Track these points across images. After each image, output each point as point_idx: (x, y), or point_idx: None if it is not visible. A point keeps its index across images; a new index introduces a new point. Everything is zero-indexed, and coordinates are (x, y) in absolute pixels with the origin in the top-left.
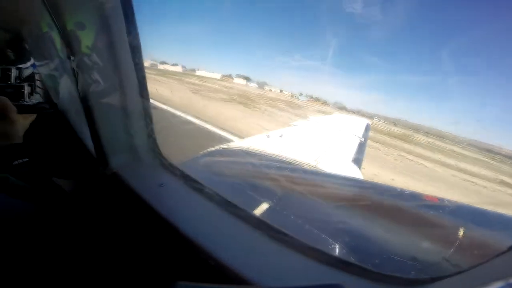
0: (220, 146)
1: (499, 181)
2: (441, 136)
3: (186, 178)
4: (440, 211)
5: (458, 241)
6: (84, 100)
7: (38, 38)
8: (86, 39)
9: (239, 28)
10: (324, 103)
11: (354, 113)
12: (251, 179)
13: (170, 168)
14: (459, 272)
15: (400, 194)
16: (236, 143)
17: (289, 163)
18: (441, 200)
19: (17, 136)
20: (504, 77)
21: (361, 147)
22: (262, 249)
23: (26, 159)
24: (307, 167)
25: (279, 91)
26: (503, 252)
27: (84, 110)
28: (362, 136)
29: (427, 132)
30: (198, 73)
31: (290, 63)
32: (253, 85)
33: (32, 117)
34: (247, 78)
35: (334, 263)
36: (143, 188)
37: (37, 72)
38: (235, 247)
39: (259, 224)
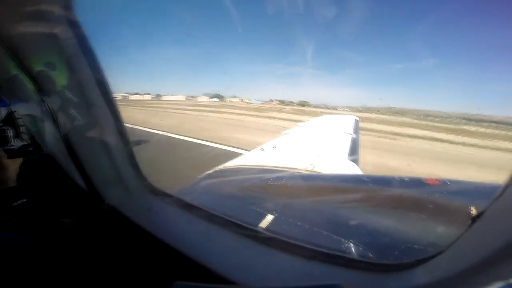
0: (216, 168)
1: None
2: (428, 115)
3: (172, 200)
4: (445, 192)
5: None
6: (66, 139)
7: (9, 80)
8: (59, 78)
9: (218, 49)
10: (282, 103)
11: (337, 109)
12: (252, 194)
13: (156, 192)
14: (440, 252)
15: (400, 181)
16: (232, 162)
17: (286, 171)
18: (442, 181)
19: (11, 179)
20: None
21: (354, 142)
22: (252, 254)
23: (25, 200)
24: (305, 172)
25: (239, 100)
26: (475, 218)
27: (68, 150)
28: (353, 132)
29: (414, 114)
30: (165, 98)
31: (275, 72)
32: (215, 99)
33: (20, 160)
34: (217, 95)
35: (329, 261)
36: (134, 214)
37: (18, 116)
38: (222, 253)
39: (250, 232)
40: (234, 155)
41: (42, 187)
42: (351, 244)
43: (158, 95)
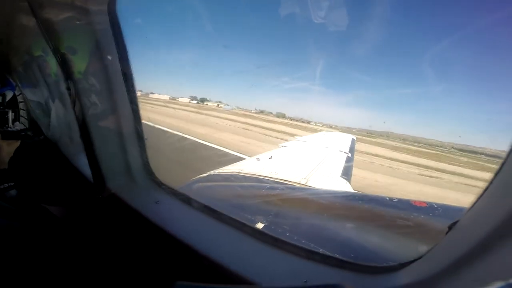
0: (211, 172)
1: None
2: (428, 143)
3: (179, 195)
4: (430, 214)
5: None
6: (82, 125)
7: (28, 63)
8: (80, 64)
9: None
10: (261, 112)
11: (339, 129)
12: (243, 200)
13: (163, 186)
14: (420, 257)
15: (389, 201)
16: (227, 168)
17: (280, 183)
18: (430, 204)
19: (2, 162)
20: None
21: (349, 161)
22: (252, 250)
23: (12, 184)
24: (298, 185)
25: (216, 105)
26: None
27: (81, 135)
28: (349, 151)
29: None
30: (151, 96)
31: (281, 86)
32: (194, 101)
33: (16, 143)
34: (202, 99)
35: (319, 260)
36: (141, 205)
37: (21, 100)
38: (228, 250)
39: (250, 230)
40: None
41: (34, 172)
42: (339, 256)
43: (147, 93)
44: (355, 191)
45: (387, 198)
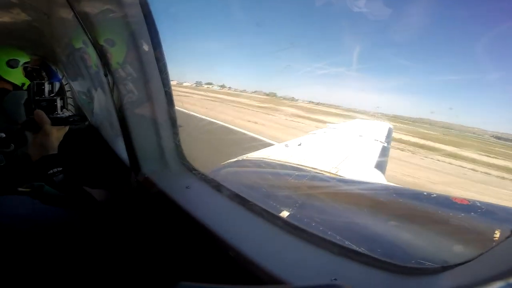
0: (239, 157)
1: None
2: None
3: (209, 181)
4: (472, 213)
5: (494, 243)
6: (119, 112)
7: (72, 56)
8: (117, 55)
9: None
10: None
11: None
12: (270, 188)
13: (194, 172)
14: (467, 261)
15: (426, 197)
16: (255, 154)
17: (308, 171)
18: (472, 201)
19: (52, 147)
20: None
21: (384, 151)
22: (280, 244)
23: (60, 169)
24: (327, 175)
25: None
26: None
27: (119, 121)
28: (385, 141)
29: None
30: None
31: (314, 72)
32: (194, 84)
33: (64, 129)
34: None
35: (351, 256)
36: (172, 190)
37: (68, 89)
38: (258, 244)
39: (277, 221)
40: None
41: (78, 156)
42: (368, 251)
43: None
44: (389, 183)
45: (425, 193)
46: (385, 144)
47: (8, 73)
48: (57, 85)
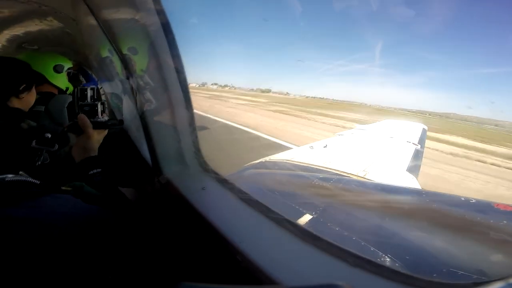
0: (262, 159)
1: None
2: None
3: (225, 183)
4: None
5: None
6: (142, 116)
7: (101, 62)
8: (140, 62)
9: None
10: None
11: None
12: (291, 190)
13: (211, 172)
14: (502, 278)
15: (464, 202)
16: (279, 155)
17: (334, 174)
18: None
19: (93, 149)
20: None
21: (418, 154)
22: (294, 252)
23: (100, 170)
24: (355, 178)
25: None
26: None
27: (142, 125)
28: (418, 143)
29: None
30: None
31: (335, 69)
32: (198, 85)
33: (104, 132)
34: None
35: (371, 269)
36: (188, 191)
37: (103, 93)
38: (266, 250)
39: (298, 231)
40: None
41: (115, 159)
42: (394, 258)
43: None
44: (422, 189)
45: (463, 198)
46: (418, 146)
47: (54, 78)
48: (97, 91)
